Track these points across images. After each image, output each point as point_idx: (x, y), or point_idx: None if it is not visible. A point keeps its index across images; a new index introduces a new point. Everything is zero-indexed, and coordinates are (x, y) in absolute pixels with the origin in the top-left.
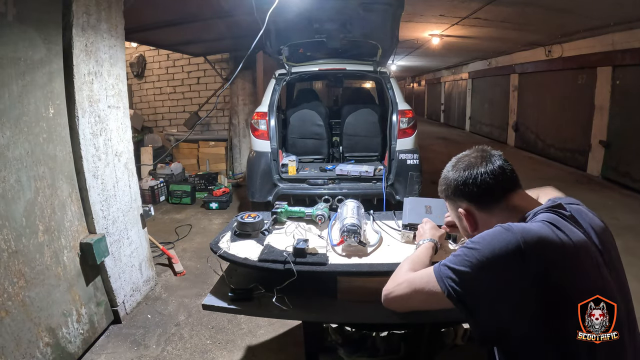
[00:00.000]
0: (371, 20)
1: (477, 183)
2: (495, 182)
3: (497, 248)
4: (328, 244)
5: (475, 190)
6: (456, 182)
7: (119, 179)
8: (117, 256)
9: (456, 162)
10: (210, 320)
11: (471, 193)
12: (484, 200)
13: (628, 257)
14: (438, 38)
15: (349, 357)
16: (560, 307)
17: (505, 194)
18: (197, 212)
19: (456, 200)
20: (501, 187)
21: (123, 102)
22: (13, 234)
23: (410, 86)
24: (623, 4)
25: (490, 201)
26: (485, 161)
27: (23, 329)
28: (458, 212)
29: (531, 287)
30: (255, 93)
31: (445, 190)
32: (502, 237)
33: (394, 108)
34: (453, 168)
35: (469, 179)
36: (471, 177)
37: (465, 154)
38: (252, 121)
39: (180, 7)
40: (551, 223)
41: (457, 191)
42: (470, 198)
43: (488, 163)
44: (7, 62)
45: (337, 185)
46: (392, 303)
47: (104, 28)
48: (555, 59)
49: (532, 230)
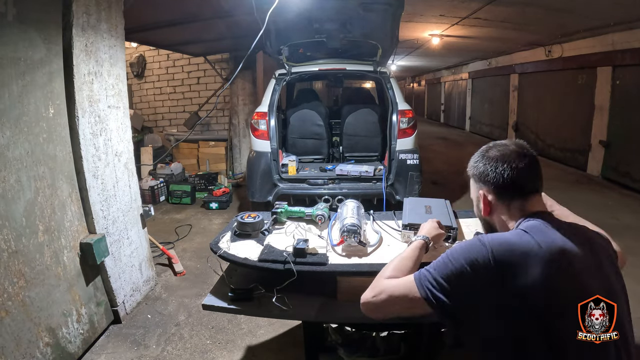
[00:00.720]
0: (371, 20)
1: (504, 176)
2: (521, 181)
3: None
4: (328, 244)
5: (500, 182)
6: (485, 167)
7: (119, 179)
8: (117, 256)
9: (492, 147)
10: (210, 320)
11: (496, 183)
12: (505, 193)
13: (628, 258)
14: (438, 38)
15: (349, 357)
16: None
17: (524, 195)
18: (197, 212)
19: (479, 182)
20: (523, 188)
21: (123, 102)
22: (13, 234)
23: (410, 86)
24: (623, 4)
25: (510, 196)
26: (520, 157)
27: (23, 329)
28: (478, 193)
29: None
30: (255, 93)
31: (473, 169)
32: (475, 249)
33: (394, 108)
34: (487, 152)
35: (498, 168)
36: (501, 167)
37: (502, 143)
38: (252, 121)
39: (180, 7)
40: (524, 230)
41: (483, 176)
42: (493, 187)
43: (521, 160)
44: (7, 62)
45: (337, 185)
46: (370, 312)
47: (104, 28)
48: (555, 59)
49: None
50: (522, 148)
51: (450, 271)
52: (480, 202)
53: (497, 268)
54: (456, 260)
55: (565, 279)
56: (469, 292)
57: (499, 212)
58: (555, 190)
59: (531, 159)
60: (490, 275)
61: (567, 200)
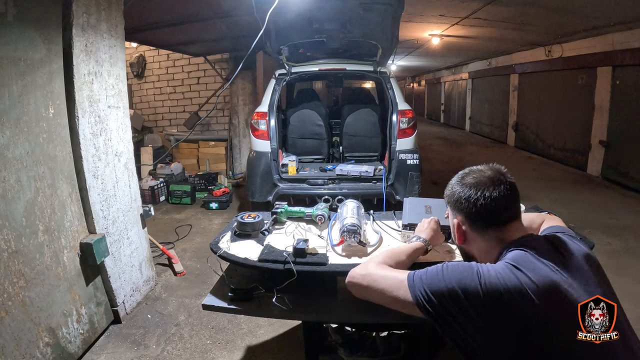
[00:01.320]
0: (371, 20)
1: (477, 205)
2: (495, 211)
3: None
4: (328, 244)
5: (473, 211)
6: (459, 195)
7: (119, 179)
8: (117, 256)
9: (467, 173)
10: (210, 320)
11: (469, 211)
12: (478, 222)
13: (628, 258)
14: (438, 38)
15: (349, 357)
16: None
17: (500, 225)
18: (197, 212)
19: (454, 210)
20: (499, 218)
21: (123, 102)
22: (13, 234)
23: (410, 86)
24: (623, 4)
25: (484, 226)
26: (494, 185)
27: (23, 329)
28: (453, 221)
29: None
30: (255, 93)
31: (448, 196)
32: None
33: (394, 108)
34: (462, 179)
35: (471, 197)
36: (474, 196)
37: (479, 169)
38: (252, 121)
39: (180, 7)
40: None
41: (457, 204)
42: (467, 215)
43: (496, 188)
44: (7, 62)
45: (337, 185)
46: (352, 288)
47: (104, 28)
48: (555, 59)
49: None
50: (499, 174)
51: (440, 289)
52: (455, 230)
53: (488, 303)
54: (449, 281)
55: (563, 311)
56: (457, 312)
57: (474, 241)
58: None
59: (507, 186)
60: (479, 306)
61: (567, 200)
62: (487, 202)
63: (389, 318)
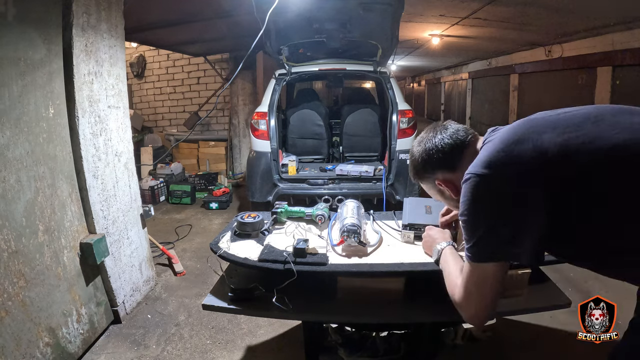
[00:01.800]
0: (371, 20)
1: (439, 149)
2: (454, 141)
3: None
4: (328, 244)
5: (440, 156)
6: (421, 158)
7: (119, 179)
8: (117, 256)
9: (416, 142)
10: (210, 320)
11: (438, 160)
12: (450, 160)
13: None
14: (438, 38)
15: (349, 357)
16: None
17: (465, 146)
18: (197, 212)
19: (429, 176)
20: (461, 142)
21: (123, 102)
22: (13, 234)
23: (410, 86)
24: (623, 4)
25: (456, 159)
26: (439, 129)
27: (23, 329)
28: (436, 186)
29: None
30: (255, 93)
31: (416, 172)
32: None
33: (394, 108)
34: (415, 148)
35: (431, 149)
36: (433, 147)
37: (420, 135)
38: (252, 121)
39: (180, 7)
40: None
41: (426, 165)
42: (439, 165)
43: (442, 130)
44: (7, 62)
45: (337, 185)
46: (484, 320)
47: (104, 28)
48: (555, 59)
49: (481, 160)
50: (436, 124)
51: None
52: (445, 189)
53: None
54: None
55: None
56: (510, 227)
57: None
58: None
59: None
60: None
61: None
62: (445, 139)
63: (389, 318)
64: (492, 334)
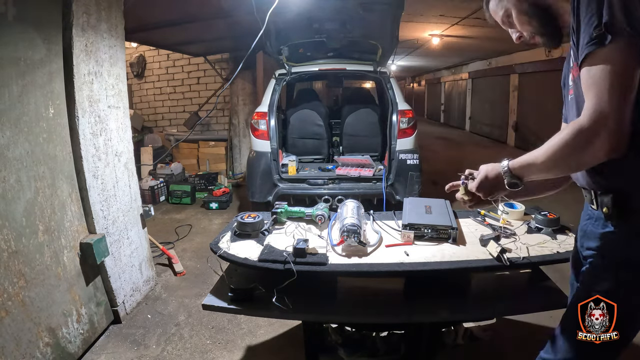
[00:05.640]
0: (371, 20)
1: None
2: None
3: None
4: (328, 244)
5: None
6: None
7: (119, 179)
8: (117, 256)
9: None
10: (210, 320)
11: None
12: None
13: None
14: (438, 38)
15: (349, 357)
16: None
17: None
18: (197, 212)
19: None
20: None
21: (123, 102)
22: (13, 234)
23: (410, 86)
24: None
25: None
26: None
27: (23, 329)
28: (507, 10)
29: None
30: (255, 93)
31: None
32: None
33: (394, 108)
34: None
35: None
36: None
37: None
38: (252, 121)
39: (180, 7)
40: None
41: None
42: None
43: None
44: (7, 62)
45: (337, 185)
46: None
47: (104, 28)
48: (555, 59)
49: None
50: None
51: None
52: (516, 19)
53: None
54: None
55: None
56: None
57: None
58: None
59: None
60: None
61: (568, 200)
62: None
63: (389, 318)
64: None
